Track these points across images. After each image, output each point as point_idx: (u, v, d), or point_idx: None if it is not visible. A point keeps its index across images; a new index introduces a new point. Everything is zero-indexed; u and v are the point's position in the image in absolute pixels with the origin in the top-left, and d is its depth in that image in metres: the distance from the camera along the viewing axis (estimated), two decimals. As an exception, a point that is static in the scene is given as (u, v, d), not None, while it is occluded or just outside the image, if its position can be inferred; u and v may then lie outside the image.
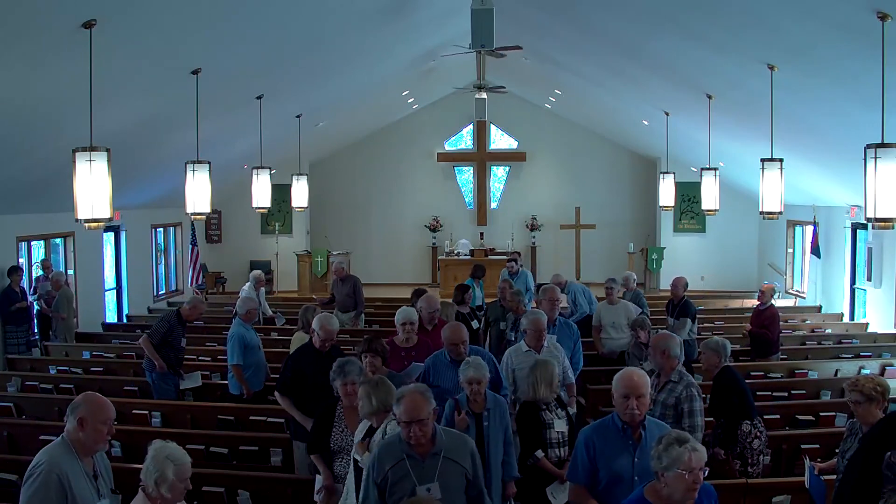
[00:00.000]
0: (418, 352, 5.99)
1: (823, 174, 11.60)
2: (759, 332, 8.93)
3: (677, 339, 5.15)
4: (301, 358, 5.79)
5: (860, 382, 4.30)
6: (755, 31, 7.27)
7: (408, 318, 6.12)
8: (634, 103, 13.76)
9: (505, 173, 19.80)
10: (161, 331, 7.53)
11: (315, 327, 5.77)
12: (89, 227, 5.77)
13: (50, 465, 3.40)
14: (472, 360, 4.83)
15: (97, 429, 3.52)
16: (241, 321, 7.35)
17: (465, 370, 4.73)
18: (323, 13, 8.65)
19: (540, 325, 6.04)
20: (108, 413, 3.60)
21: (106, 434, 3.56)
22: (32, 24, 5.59)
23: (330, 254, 17.31)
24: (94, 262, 12.98)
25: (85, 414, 3.53)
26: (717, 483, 5.01)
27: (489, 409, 4.73)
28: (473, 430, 4.62)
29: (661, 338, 5.10)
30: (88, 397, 3.65)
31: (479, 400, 4.73)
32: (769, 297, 9.14)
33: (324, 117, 14.42)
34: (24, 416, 7.27)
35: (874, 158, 5.41)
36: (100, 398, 3.65)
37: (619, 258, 18.18)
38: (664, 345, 4.98)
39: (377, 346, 5.32)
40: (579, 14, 9.77)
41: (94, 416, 3.52)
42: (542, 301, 6.99)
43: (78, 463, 3.49)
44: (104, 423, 3.56)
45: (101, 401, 3.62)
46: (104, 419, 3.56)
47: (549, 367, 4.96)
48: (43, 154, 8.56)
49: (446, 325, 5.71)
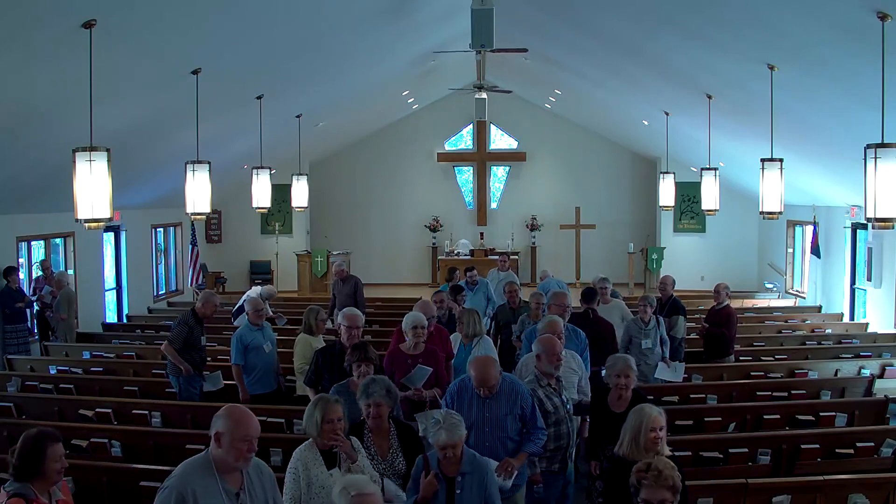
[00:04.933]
0: (425, 360, 5.70)
1: (823, 174, 11.60)
2: (715, 331, 8.70)
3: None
4: (324, 357, 5.85)
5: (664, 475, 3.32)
6: (755, 31, 7.27)
7: (418, 322, 5.75)
8: (634, 103, 13.76)
9: (505, 173, 19.80)
10: (182, 334, 7.39)
11: (339, 319, 5.81)
12: (89, 227, 5.77)
13: (178, 481, 3.19)
14: (445, 416, 3.94)
15: (235, 446, 3.20)
16: (248, 322, 7.33)
17: (437, 433, 3.88)
18: (323, 13, 8.66)
19: (556, 328, 5.67)
20: (248, 429, 3.24)
21: (247, 451, 3.22)
22: (32, 24, 5.59)
23: (330, 254, 17.32)
24: (94, 262, 12.97)
25: (222, 428, 3.22)
26: (718, 483, 5.03)
27: (465, 472, 3.95)
28: (443, 497, 3.93)
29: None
30: (228, 410, 3.31)
31: (453, 463, 3.96)
32: (724, 296, 8.90)
33: (324, 117, 14.42)
34: (24, 416, 7.26)
35: (874, 158, 5.41)
36: (240, 412, 3.31)
37: (619, 258, 18.19)
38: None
39: (370, 354, 4.95)
40: (579, 14, 9.77)
41: (231, 432, 3.21)
42: (552, 306, 6.72)
43: (216, 480, 3.21)
44: (243, 439, 3.21)
45: (240, 415, 3.28)
46: (243, 435, 3.22)
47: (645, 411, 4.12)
48: (43, 154, 8.55)
49: (473, 360, 4.86)
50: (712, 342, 8.82)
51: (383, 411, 4.23)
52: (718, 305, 8.93)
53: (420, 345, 5.76)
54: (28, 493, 3.50)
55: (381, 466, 4.17)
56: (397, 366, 5.66)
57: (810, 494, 4.96)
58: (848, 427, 6.62)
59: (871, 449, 5.94)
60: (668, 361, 8.05)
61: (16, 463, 3.55)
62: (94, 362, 9.18)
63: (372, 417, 4.22)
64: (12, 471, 3.55)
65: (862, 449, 5.93)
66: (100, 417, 6.91)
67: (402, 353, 5.77)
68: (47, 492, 3.60)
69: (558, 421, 5.05)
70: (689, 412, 6.80)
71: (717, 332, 8.72)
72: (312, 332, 6.97)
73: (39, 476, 3.54)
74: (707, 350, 8.92)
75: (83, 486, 5.24)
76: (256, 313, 7.32)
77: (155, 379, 8.33)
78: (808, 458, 5.89)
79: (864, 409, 6.97)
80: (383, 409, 4.23)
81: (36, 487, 3.53)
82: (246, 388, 7.16)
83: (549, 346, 5.13)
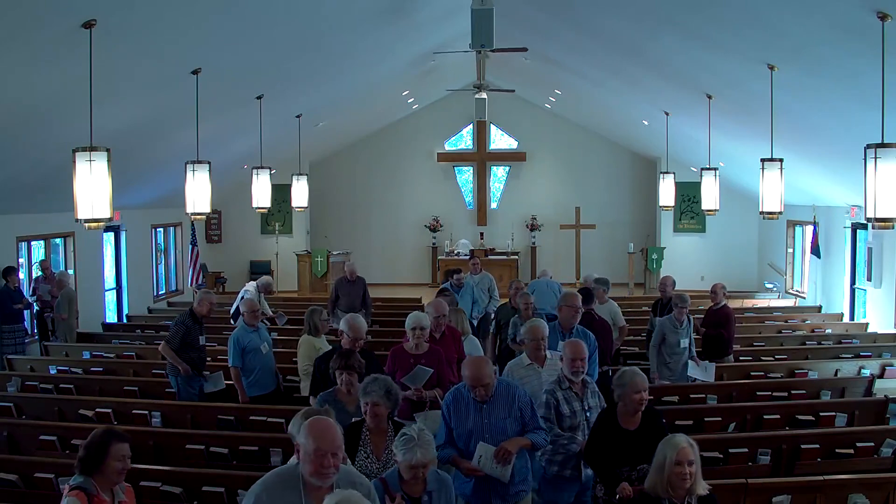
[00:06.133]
0: (428, 360, 5.65)
1: (823, 174, 11.60)
2: (712, 332, 8.68)
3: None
4: (326, 365, 5.73)
5: None
6: (755, 31, 7.27)
7: (418, 324, 5.69)
8: (634, 103, 13.76)
9: (505, 173, 19.79)
10: (179, 334, 7.38)
11: (343, 328, 5.68)
12: (89, 227, 5.77)
13: (261, 489, 3.04)
14: (419, 433, 3.64)
15: (313, 460, 2.96)
16: (244, 323, 7.31)
17: (411, 450, 3.59)
18: (323, 13, 8.66)
19: (538, 333, 5.46)
20: (325, 443, 2.96)
21: (327, 468, 2.96)
22: (32, 23, 5.59)
23: (330, 254, 17.33)
24: (94, 262, 12.98)
25: (302, 440, 3.01)
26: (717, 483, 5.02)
27: (431, 490, 3.74)
28: None
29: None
30: (310, 422, 3.08)
31: (419, 483, 3.71)
32: (722, 296, 8.89)
33: (324, 117, 14.42)
34: (24, 417, 7.27)
35: (874, 158, 5.41)
36: (321, 424, 3.05)
37: (619, 258, 18.19)
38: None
39: (354, 363, 4.79)
40: (579, 14, 9.77)
41: (308, 444, 2.97)
42: (562, 307, 6.44)
43: (299, 495, 3.00)
44: (322, 454, 2.95)
45: (320, 428, 3.02)
46: (318, 449, 2.96)
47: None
48: (43, 154, 8.55)
49: (467, 360, 4.76)
50: (710, 343, 8.79)
51: (380, 411, 4.15)
52: (716, 306, 8.93)
53: (423, 344, 5.73)
54: (89, 487, 3.54)
55: (374, 465, 4.12)
56: (399, 365, 5.64)
57: (810, 494, 4.96)
58: (848, 427, 6.61)
59: (871, 449, 5.95)
60: (698, 360, 8.11)
61: (81, 455, 3.61)
62: (94, 362, 9.18)
63: (370, 416, 4.16)
64: (77, 462, 3.61)
65: (862, 449, 5.93)
66: (100, 417, 6.91)
67: (404, 353, 5.75)
68: (110, 490, 3.63)
69: (573, 427, 4.92)
70: (689, 412, 6.80)
71: (714, 333, 8.71)
72: (315, 332, 6.95)
73: (100, 472, 3.58)
74: (706, 351, 8.88)
75: (83, 486, 5.24)
76: (252, 314, 7.26)
77: (155, 379, 8.33)
78: (808, 458, 5.89)
79: (864, 409, 6.97)
80: (380, 410, 4.15)
81: (97, 483, 3.57)
82: (244, 390, 7.14)
83: (569, 351, 4.98)
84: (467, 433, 4.49)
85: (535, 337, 5.46)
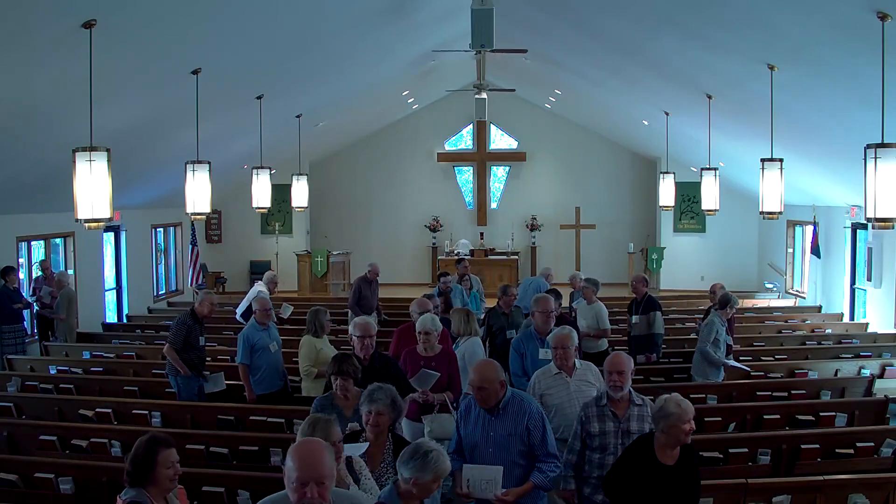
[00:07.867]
0: (439, 362, 5.63)
1: (823, 174, 11.60)
2: None
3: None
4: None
5: None
6: (755, 31, 7.27)
7: (422, 328, 5.70)
8: (634, 103, 13.76)
9: (505, 173, 19.79)
10: (181, 336, 7.36)
11: (350, 331, 5.64)
12: (89, 227, 5.77)
13: None
14: (432, 451, 3.32)
15: (296, 489, 2.69)
16: (254, 321, 7.31)
17: (423, 467, 3.28)
18: (323, 13, 8.66)
19: (565, 341, 5.14)
20: (308, 472, 2.67)
21: (311, 499, 2.67)
22: (32, 24, 5.59)
23: (330, 254, 17.33)
24: (94, 262, 12.98)
25: (287, 462, 2.75)
26: (717, 483, 5.02)
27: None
28: None
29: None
30: (297, 444, 2.83)
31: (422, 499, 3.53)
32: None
33: (324, 117, 14.42)
34: (24, 417, 7.27)
35: (874, 158, 5.41)
36: (307, 448, 2.77)
37: (619, 258, 18.19)
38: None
39: (348, 368, 4.62)
40: (579, 14, 9.77)
41: (292, 471, 2.71)
42: (535, 313, 6.17)
43: None
44: (304, 483, 2.67)
45: (304, 453, 2.74)
46: (300, 478, 2.67)
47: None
48: (43, 154, 8.55)
49: (476, 365, 4.52)
50: None
51: (382, 421, 3.97)
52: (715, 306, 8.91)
53: (435, 346, 5.74)
54: (143, 499, 3.44)
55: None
56: (411, 366, 5.66)
57: (810, 494, 4.96)
58: (848, 427, 6.62)
59: (871, 449, 5.95)
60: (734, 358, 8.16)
61: (129, 469, 3.49)
62: (94, 362, 9.19)
63: (371, 425, 3.97)
64: (126, 477, 3.49)
65: (862, 449, 5.93)
66: (100, 417, 6.91)
67: (416, 355, 5.77)
68: (164, 498, 3.53)
69: (603, 447, 4.54)
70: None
71: None
72: (319, 333, 6.93)
73: (152, 482, 3.47)
74: None
75: (83, 485, 5.24)
76: (264, 313, 7.30)
77: (155, 379, 8.33)
78: (808, 458, 5.89)
79: (864, 409, 6.98)
80: (383, 419, 3.97)
81: (150, 494, 3.46)
82: (252, 388, 7.15)
83: (606, 364, 4.63)
84: (472, 444, 4.37)
85: (563, 345, 5.15)
